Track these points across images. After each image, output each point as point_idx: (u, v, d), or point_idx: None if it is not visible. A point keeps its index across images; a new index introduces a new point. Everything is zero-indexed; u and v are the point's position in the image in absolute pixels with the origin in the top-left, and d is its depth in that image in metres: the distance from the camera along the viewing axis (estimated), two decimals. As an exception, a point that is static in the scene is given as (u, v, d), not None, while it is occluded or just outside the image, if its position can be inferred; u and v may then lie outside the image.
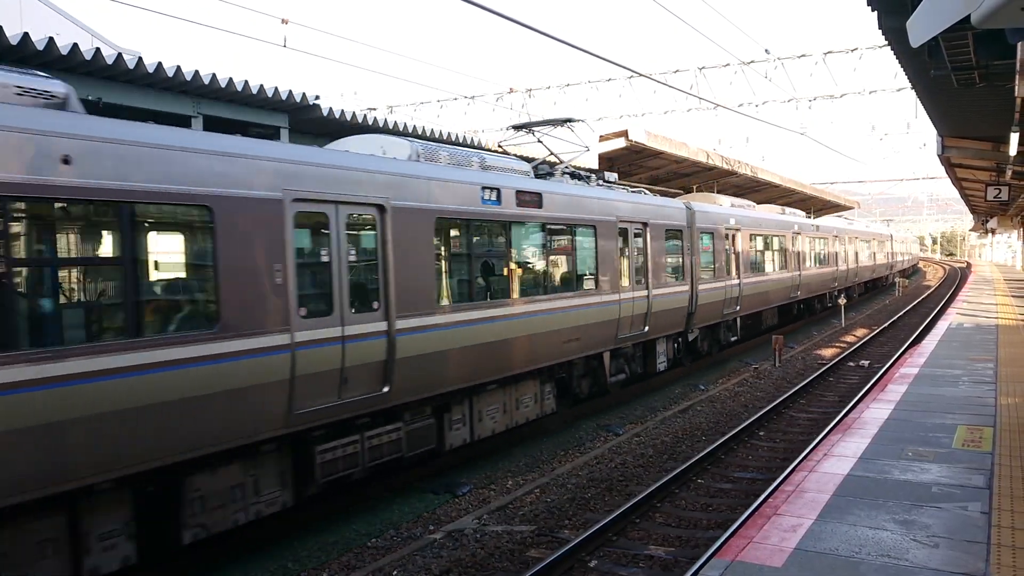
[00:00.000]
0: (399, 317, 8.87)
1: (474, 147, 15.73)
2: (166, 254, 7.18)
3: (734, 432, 11.81)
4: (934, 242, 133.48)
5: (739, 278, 19.97)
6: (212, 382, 6.89)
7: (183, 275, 7.24)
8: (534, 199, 11.56)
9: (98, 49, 9.34)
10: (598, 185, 14.35)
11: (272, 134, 12.12)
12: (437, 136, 15.03)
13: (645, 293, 14.75)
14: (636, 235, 14.70)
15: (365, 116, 13.37)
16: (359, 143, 10.35)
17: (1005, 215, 46.70)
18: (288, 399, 7.58)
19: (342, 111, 12.73)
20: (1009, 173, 20.78)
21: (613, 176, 15.24)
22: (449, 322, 9.71)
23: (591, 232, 13.08)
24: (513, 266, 11.20)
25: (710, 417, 13.66)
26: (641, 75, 15.57)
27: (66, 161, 5.97)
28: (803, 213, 30.19)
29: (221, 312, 7.00)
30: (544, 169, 13.23)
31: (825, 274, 29.57)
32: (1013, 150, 15.14)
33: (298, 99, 11.87)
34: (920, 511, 6.05)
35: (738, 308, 20.03)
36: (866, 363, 18.90)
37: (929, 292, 44.32)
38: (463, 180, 10.24)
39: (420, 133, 14.55)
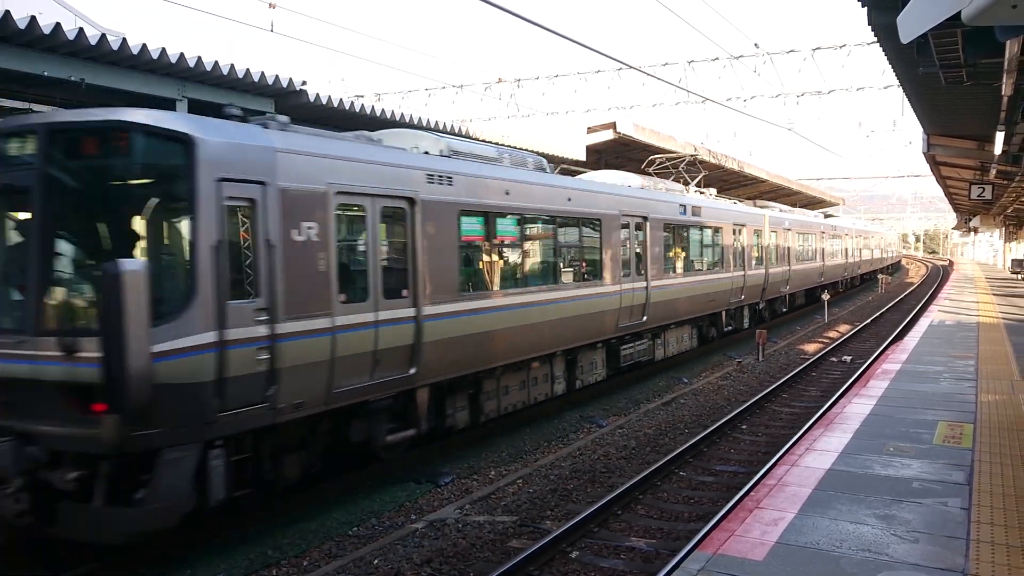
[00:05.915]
0: (654, 279, 15.42)
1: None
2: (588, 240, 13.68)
3: (717, 425, 11.86)
4: (917, 240, 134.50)
5: (790, 265, 26.57)
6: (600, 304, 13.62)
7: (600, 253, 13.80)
8: (697, 211, 18.18)
9: (81, 29, 9.20)
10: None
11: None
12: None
13: (742, 273, 21.40)
14: (742, 230, 21.50)
15: (352, 103, 13.27)
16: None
17: (988, 214, 47.07)
18: (616, 320, 14.07)
19: (329, 97, 12.61)
20: (993, 172, 20.92)
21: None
22: (677, 283, 16.77)
23: (732, 231, 20.52)
24: (692, 250, 18.15)
25: (693, 410, 13.71)
26: (630, 67, 15.55)
27: (507, 192, 11.05)
28: (823, 215, 37.47)
29: (602, 271, 13.68)
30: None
31: (838, 265, 36.78)
32: (998, 149, 15.23)
33: (284, 84, 11.75)
34: (901, 506, 6.08)
35: (789, 287, 26.80)
36: (848, 359, 19.03)
37: (911, 289, 44.65)
38: (673, 201, 17.33)
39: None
